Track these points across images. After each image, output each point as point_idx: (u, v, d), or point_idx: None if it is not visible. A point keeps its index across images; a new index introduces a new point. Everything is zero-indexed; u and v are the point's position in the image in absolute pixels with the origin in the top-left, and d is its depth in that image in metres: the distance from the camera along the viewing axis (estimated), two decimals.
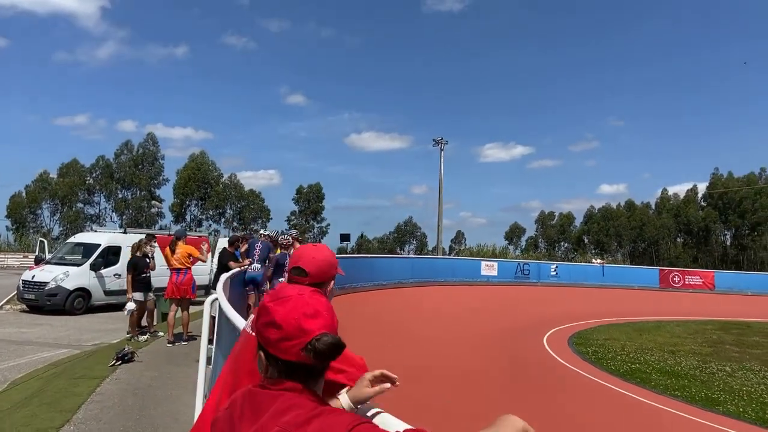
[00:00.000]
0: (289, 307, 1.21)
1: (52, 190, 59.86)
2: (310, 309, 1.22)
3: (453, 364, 9.88)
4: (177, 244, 8.95)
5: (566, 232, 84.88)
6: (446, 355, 10.72)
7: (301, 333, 1.17)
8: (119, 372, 6.61)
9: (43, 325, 12.95)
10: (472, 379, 8.81)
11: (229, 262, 8.56)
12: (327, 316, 1.24)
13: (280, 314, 1.20)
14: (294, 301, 1.22)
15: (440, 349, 11.35)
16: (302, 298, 1.24)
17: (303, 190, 71.14)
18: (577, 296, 24.44)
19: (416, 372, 8.56)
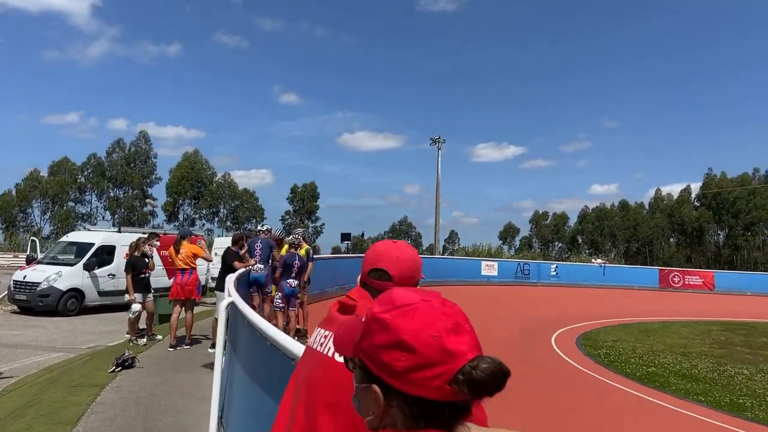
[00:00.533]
0: (419, 320, 0.85)
1: (43, 189, 58.97)
2: (450, 321, 0.87)
3: None
4: (181, 244, 8.55)
5: (560, 232, 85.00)
6: None
7: (446, 357, 0.82)
8: (120, 379, 6.20)
9: (36, 327, 12.48)
10: None
11: (234, 262, 8.15)
12: (471, 331, 0.89)
13: (408, 330, 0.84)
14: (423, 311, 0.87)
15: None
16: (431, 305, 0.89)
17: (297, 190, 70.63)
18: (579, 296, 24.20)
19: None
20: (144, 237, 9.75)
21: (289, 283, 8.62)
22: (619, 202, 79.72)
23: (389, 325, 0.85)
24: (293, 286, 8.66)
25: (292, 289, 8.64)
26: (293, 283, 8.67)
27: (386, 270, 1.46)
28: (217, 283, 8.46)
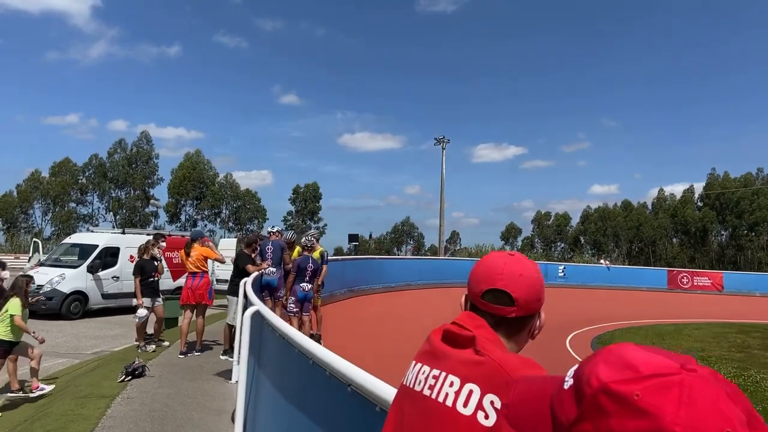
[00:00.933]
0: (699, 405, 0.55)
1: (44, 190, 58.65)
2: (741, 408, 0.57)
3: None
4: (192, 246, 8.24)
5: (563, 232, 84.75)
6: None
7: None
8: (130, 389, 5.89)
9: (38, 332, 12.08)
10: None
11: (247, 265, 7.85)
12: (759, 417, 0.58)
13: (681, 420, 0.54)
14: (698, 389, 0.56)
15: None
16: (704, 380, 0.58)
17: (300, 190, 70.31)
18: (587, 298, 23.89)
19: None
20: (152, 240, 9.43)
21: (302, 287, 8.32)
22: (621, 203, 79.52)
23: (643, 407, 0.55)
24: (307, 290, 8.37)
25: (305, 293, 8.34)
26: (307, 287, 8.37)
27: (508, 292, 1.16)
28: (229, 287, 8.16)
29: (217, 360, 7.67)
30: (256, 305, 3.75)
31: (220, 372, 6.97)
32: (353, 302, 16.04)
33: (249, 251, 8.19)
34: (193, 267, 8.13)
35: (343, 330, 11.38)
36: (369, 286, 17.79)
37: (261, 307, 3.71)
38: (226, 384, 6.41)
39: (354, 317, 13.83)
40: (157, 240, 9.38)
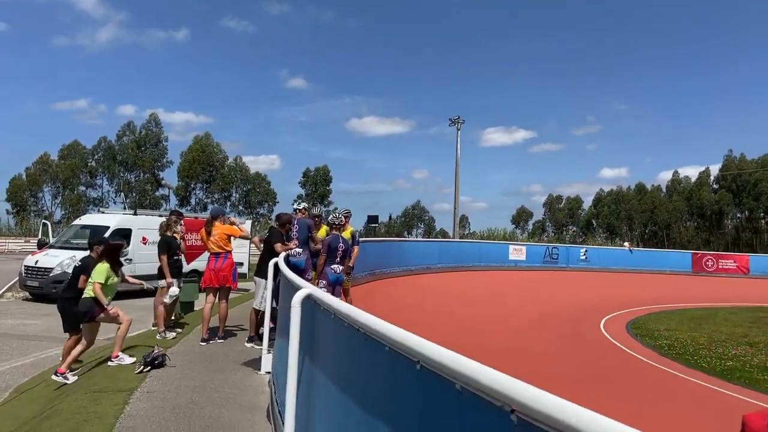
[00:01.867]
0: None
1: (53, 173, 58.30)
2: None
3: (525, 362, 8.56)
4: (213, 225, 7.54)
5: (575, 215, 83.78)
6: (510, 350, 9.41)
7: None
8: (150, 382, 5.25)
9: (49, 316, 11.60)
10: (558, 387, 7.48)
11: (276, 244, 7.17)
12: None
13: None
14: None
15: (501, 338, 10.03)
16: None
17: (310, 174, 69.60)
18: (611, 281, 23.09)
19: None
20: (174, 218, 8.71)
21: (333, 269, 7.63)
22: (635, 185, 78.34)
23: None
24: (338, 272, 7.69)
25: (337, 275, 7.66)
26: (338, 268, 7.68)
27: None
28: (257, 268, 7.48)
29: (242, 348, 7.02)
30: (306, 287, 3.04)
31: (247, 361, 6.32)
32: (377, 286, 15.39)
33: (284, 231, 7.51)
34: (215, 247, 7.44)
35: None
36: (390, 269, 17.12)
37: (313, 289, 3.01)
38: (256, 375, 5.76)
39: (381, 301, 13.19)
40: (179, 217, 8.69)
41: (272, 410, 4.21)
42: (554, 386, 5.11)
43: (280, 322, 4.68)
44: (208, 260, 7.50)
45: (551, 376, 7.59)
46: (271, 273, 5.94)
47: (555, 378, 7.33)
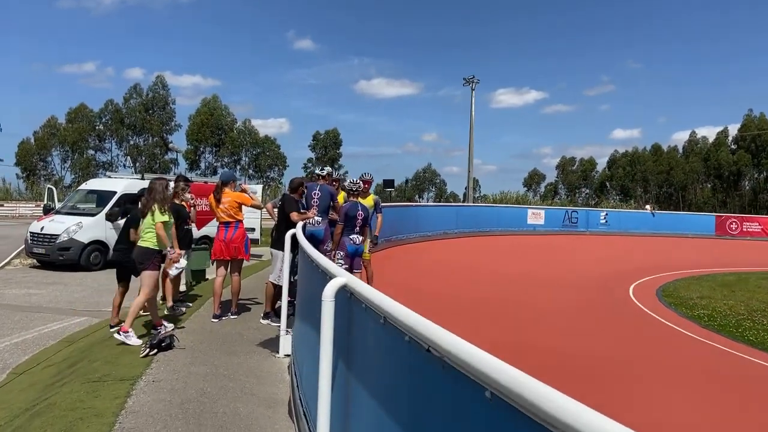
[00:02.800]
0: None
1: (61, 137, 57.69)
2: None
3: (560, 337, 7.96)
4: (223, 191, 6.86)
5: (588, 177, 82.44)
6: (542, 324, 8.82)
7: None
8: (156, 368, 4.69)
9: (56, 285, 11.20)
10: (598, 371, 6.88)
11: (292, 212, 6.51)
12: None
13: None
14: None
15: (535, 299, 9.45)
16: None
17: (319, 137, 68.51)
18: (633, 245, 22.33)
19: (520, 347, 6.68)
20: (182, 184, 7.93)
21: (352, 239, 6.97)
22: (651, 146, 76.56)
23: None
24: (358, 243, 7.03)
25: (356, 246, 7.01)
26: (357, 239, 7.01)
27: None
28: (273, 239, 6.85)
29: (257, 325, 6.46)
30: (341, 276, 2.37)
31: (264, 341, 5.76)
32: (394, 253, 14.80)
33: (298, 196, 6.85)
34: (225, 216, 6.78)
35: (398, 288, 10.17)
36: (406, 235, 16.50)
37: (350, 278, 2.34)
38: (273, 359, 5.19)
39: (401, 268, 12.62)
40: (186, 183, 7.98)
41: (294, 407, 3.63)
42: (604, 367, 4.40)
43: (301, 308, 4.05)
44: (217, 230, 6.86)
45: (595, 355, 6.99)
46: (288, 245, 5.30)
47: (601, 358, 6.74)
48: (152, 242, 5.94)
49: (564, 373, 5.78)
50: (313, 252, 3.25)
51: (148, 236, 5.95)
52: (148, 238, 5.94)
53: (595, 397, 5.03)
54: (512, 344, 6.90)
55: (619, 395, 5.43)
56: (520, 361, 1.22)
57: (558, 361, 6.16)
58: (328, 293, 2.34)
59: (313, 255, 3.19)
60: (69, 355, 5.97)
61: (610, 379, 5.96)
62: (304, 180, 7.17)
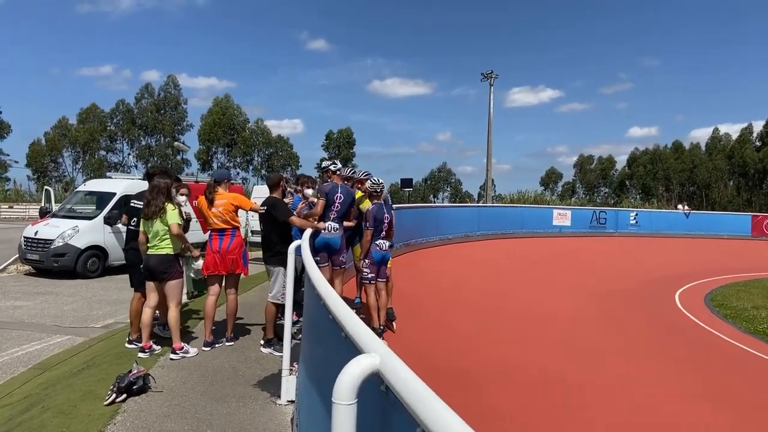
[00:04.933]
0: None
1: (72, 137, 57.31)
2: None
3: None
4: (216, 191, 5.77)
5: (607, 176, 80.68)
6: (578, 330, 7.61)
7: None
8: (120, 423, 3.59)
9: (46, 295, 10.23)
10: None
11: (291, 218, 5.45)
12: None
13: None
14: None
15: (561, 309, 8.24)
16: None
17: (333, 136, 67.53)
18: (667, 247, 20.93)
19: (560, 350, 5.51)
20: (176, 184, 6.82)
21: (378, 246, 5.90)
22: (672, 144, 74.56)
23: None
24: (384, 249, 5.95)
25: (383, 253, 5.94)
26: (384, 245, 5.94)
27: None
28: (267, 251, 5.73)
29: (256, 355, 5.35)
30: (371, 352, 1.23)
31: (263, 379, 4.63)
32: (414, 259, 13.63)
33: (278, 195, 5.78)
34: (219, 222, 5.67)
35: (427, 304, 9.01)
36: (426, 238, 15.34)
37: (385, 357, 1.19)
38: (273, 407, 4.05)
39: (423, 279, 11.46)
40: (179, 184, 6.86)
41: None
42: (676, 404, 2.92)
43: (307, 364, 2.90)
44: (209, 239, 5.74)
45: (661, 384, 5.78)
46: (292, 263, 4.18)
47: (671, 393, 5.53)
48: (169, 247, 5.40)
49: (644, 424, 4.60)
50: (325, 289, 2.11)
51: (164, 243, 5.38)
52: (164, 245, 5.38)
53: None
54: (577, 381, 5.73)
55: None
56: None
57: (633, 416, 4.96)
58: (345, 389, 1.20)
59: (323, 293, 2.05)
60: (30, 392, 4.91)
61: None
62: (281, 176, 6.08)
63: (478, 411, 4.49)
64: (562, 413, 4.65)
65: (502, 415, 4.53)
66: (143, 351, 5.43)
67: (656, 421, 4.67)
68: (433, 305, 9.31)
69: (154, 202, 5.35)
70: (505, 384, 5.25)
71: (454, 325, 7.79)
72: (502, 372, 5.64)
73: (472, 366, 5.71)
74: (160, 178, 5.58)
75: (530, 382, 5.41)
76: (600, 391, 5.34)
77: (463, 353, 6.26)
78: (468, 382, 5.23)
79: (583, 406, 4.85)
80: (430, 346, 6.53)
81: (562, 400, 4.96)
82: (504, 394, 4.97)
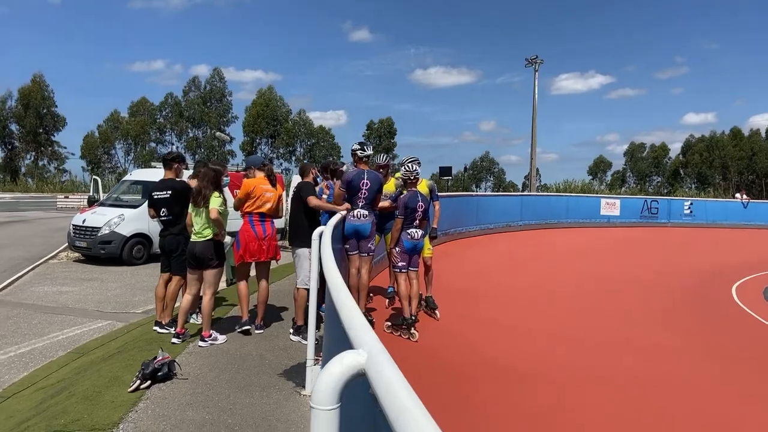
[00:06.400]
0: None
1: (124, 130, 59.51)
2: None
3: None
4: (256, 177, 5.75)
5: (660, 165, 77.49)
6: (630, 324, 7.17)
7: None
8: (142, 410, 3.53)
9: (92, 281, 10.51)
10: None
11: (309, 197, 5.37)
12: None
13: None
14: None
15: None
16: None
17: (374, 126, 67.46)
18: (724, 238, 19.73)
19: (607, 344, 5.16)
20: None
21: (410, 234, 5.69)
22: (730, 130, 70.80)
23: None
24: (417, 238, 5.73)
25: (415, 242, 5.72)
26: (416, 233, 5.72)
27: None
28: (294, 234, 5.67)
29: (285, 344, 5.24)
30: (358, 348, 1.03)
31: (289, 369, 4.51)
32: (454, 249, 13.35)
33: (310, 179, 5.70)
34: (267, 207, 5.65)
35: (466, 294, 8.76)
36: (466, 228, 14.99)
37: (373, 354, 0.98)
38: (298, 397, 3.92)
39: (464, 269, 11.18)
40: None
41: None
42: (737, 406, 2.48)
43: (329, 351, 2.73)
44: (251, 225, 5.63)
45: (722, 384, 5.34)
46: (317, 249, 4.02)
47: (731, 393, 5.09)
48: (213, 233, 5.44)
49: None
50: (330, 275, 1.91)
51: (208, 231, 5.41)
52: (208, 232, 5.42)
53: None
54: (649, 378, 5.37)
55: None
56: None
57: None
58: (323, 391, 1.00)
59: (329, 279, 1.85)
60: (64, 376, 4.97)
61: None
62: (312, 165, 5.99)
63: (530, 409, 4.24)
64: (613, 412, 4.34)
65: (555, 413, 4.26)
66: (177, 336, 5.44)
67: (719, 423, 4.30)
68: (475, 295, 9.03)
69: (204, 191, 5.37)
70: (552, 382, 4.96)
71: (496, 317, 7.49)
72: (550, 369, 5.34)
73: (519, 363, 5.42)
74: (207, 169, 5.58)
75: (578, 381, 5.09)
76: (653, 391, 4.96)
77: (508, 348, 5.98)
78: (515, 378, 4.96)
79: (638, 407, 4.51)
80: (475, 337, 6.29)
81: (610, 399, 4.63)
82: (551, 393, 4.68)
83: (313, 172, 6.12)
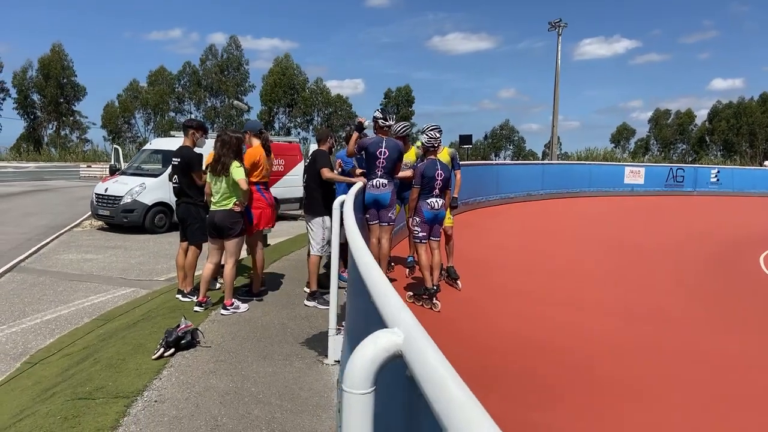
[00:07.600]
0: None
1: (143, 99, 59.73)
2: None
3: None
4: (253, 144, 5.69)
5: (685, 132, 75.49)
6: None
7: None
8: (165, 378, 3.56)
9: (116, 249, 10.66)
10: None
11: (323, 168, 5.30)
12: None
13: None
14: None
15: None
16: None
17: (391, 94, 66.62)
18: (752, 207, 19.18)
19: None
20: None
21: (430, 204, 5.57)
22: (759, 96, 68.43)
23: None
24: (437, 208, 5.62)
25: (435, 211, 5.61)
26: (437, 203, 5.60)
27: None
28: (306, 204, 5.66)
29: (306, 312, 5.25)
30: (394, 327, 0.94)
31: (311, 337, 4.51)
32: (474, 219, 13.20)
33: (326, 149, 5.61)
34: (269, 174, 5.64)
35: (487, 264, 8.67)
36: (486, 197, 14.80)
37: (410, 335, 0.89)
38: (320, 366, 3.91)
39: (486, 239, 11.06)
40: (205, 133, 6.65)
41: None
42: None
43: (352, 326, 2.67)
44: (261, 194, 5.63)
45: (747, 354, 5.22)
46: (338, 218, 3.94)
47: (757, 363, 4.96)
48: (234, 204, 5.33)
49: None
50: (356, 245, 1.83)
51: (228, 200, 5.30)
52: (228, 202, 5.30)
53: None
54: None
55: None
56: None
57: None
58: (357, 374, 0.92)
59: (354, 249, 1.76)
60: (89, 343, 5.04)
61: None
62: (330, 132, 5.87)
63: (554, 380, 4.18)
64: (639, 388, 4.26)
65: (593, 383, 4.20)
66: (199, 305, 5.47)
67: (750, 393, 4.20)
68: (496, 266, 8.94)
69: (224, 159, 5.23)
70: (574, 352, 4.89)
71: (518, 287, 7.40)
72: (571, 339, 5.26)
73: (545, 335, 5.35)
74: (230, 134, 5.46)
75: (604, 350, 5.01)
76: (677, 362, 4.87)
77: (530, 319, 5.91)
78: (538, 350, 4.90)
79: (663, 378, 4.42)
80: (495, 309, 6.22)
81: (639, 371, 4.55)
82: (577, 364, 4.61)
83: (330, 141, 6.01)
